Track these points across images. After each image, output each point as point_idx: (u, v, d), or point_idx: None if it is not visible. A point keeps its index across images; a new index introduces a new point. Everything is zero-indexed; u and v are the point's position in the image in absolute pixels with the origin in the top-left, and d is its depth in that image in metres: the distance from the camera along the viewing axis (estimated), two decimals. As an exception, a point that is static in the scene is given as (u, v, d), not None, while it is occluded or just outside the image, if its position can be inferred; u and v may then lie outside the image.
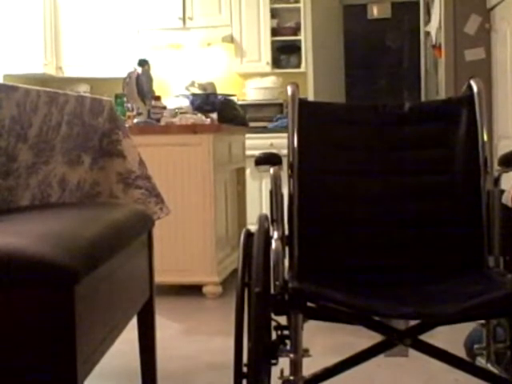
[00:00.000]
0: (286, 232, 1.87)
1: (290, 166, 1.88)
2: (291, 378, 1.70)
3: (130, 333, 2.08)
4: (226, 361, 1.65)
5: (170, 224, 3.57)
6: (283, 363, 1.75)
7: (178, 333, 3.24)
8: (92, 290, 1.52)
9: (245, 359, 1.62)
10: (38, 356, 1.37)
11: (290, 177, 1.89)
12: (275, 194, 1.80)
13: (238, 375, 1.63)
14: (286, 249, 1.86)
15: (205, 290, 3.86)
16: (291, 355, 1.70)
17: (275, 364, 1.75)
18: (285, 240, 1.84)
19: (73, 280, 1.38)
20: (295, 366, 1.71)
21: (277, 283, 1.65)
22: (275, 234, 1.72)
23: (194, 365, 2.77)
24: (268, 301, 1.63)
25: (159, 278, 2.45)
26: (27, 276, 1.35)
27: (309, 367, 1.76)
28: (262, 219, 1.78)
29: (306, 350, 1.80)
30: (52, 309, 1.36)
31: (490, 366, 1.76)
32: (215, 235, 3.85)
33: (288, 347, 1.73)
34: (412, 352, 1.71)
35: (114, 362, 2.30)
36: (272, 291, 1.68)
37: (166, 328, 3.17)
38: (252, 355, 1.56)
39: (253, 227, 1.79)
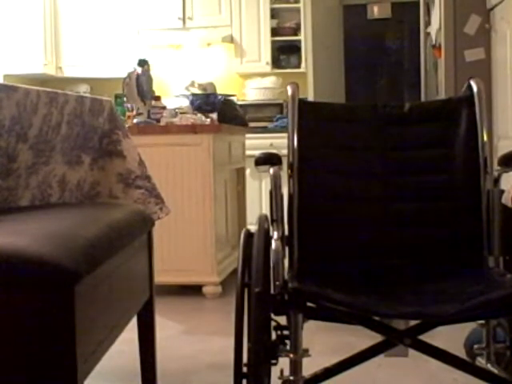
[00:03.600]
0: (286, 232, 1.87)
1: (290, 166, 1.88)
2: (291, 378, 1.70)
3: (130, 333, 2.08)
4: (226, 361, 1.65)
5: (170, 224, 3.57)
6: (283, 363, 1.75)
7: (178, 333, 3.24)
8: (92, 290, 1.52)
9: (245, 359, 1.62)
10: (38, 356, 1.37)
11: (289, 177, 1.88)
12: (275, 195, 1.80)
13: (238, 375, 1.63)
14: (286, 249, 1.86)
15: (205, 290, 3.86)
16: (291, 355, 1.70)
17: (275, 364, 1.75)
18: (285, 240, 1.84)
19: (73, 280, 1.38)
20: (295, 366, 1.71)
21: (277, 283, 1.65)
22: (275, 234, 1.72)
23: (193, 365, 2.77)
24: (268, 301, 1.63)
25: (159, 278, 2.45)
26: (27, 276, 1.35)
27: (309, 367, 1.76)
28: (262, 219, 1.78)
29: (306, 350, 1.80)
30: (52, 309, 1.36)
31: (489, 366, 1.76)
32: (215, 235, 3.85)
33: (288, 347, 1.73)
34: (412, 352, 1.71)
35: (113, 362, 2.30)
36: (272, 291, 1.69)
37: (166, 328, 3.17)
38: (252, 355, 1.56)
39: (253, 227, 1.80)
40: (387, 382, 2.46)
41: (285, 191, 1.88)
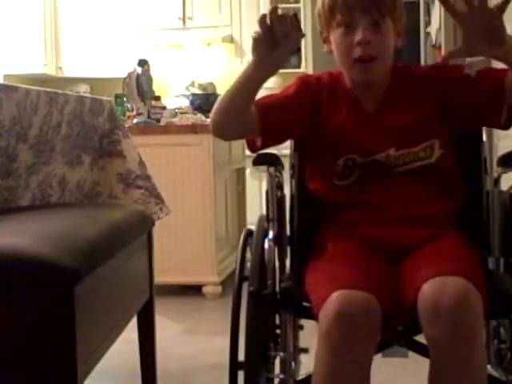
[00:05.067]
0: (288, 232, 1.87)
1: (292, 167, 1.88)
2: (281, 376, 1.71)
3: (130, 333, 2.08)
4: (226, 361, 1.65)
5: (170, 224, 3.57)
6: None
7: (178, 333, 3.25)
8: (92, 289, 1.52)
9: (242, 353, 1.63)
10: (37, 356, 1.37)
11: (291, 177, 1.88)
12: (271, 194, 1.80)
13: (234, 364, 1.63)
14: (288, 249, 1.86)
15: (204, 290, 3.86)
16: (281, 353, 1.71)
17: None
18: (287, 240, 1.84)
19: (73, 280, 1.38)
20: (284, 365, 1.72)
21: (268, 282, 1.66)
22: (270, 234, 1.73)
23: (193, 365, 2.77)
24: (264, 299, 1.64)
25: (159, 278, 2.45)
26: (27, 276, 1.36)
27: (309, 366, 1.76)
28: (262, 219, 1.78)
29: (306, 350, 1.80)
30: (52, 309, 1.36)
31: (489, 368, 1.75)
32: (215, 235, 3.85)
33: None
34: (412, 353, 1.70)
35: (114, 362, 2.30)
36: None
37: (166, 328, 3.17)
38: (245, 353, 1.58)
39: (253, 227, 1.80)
40: (387, 382, 2.46)
41: (287, 191, 1.88)
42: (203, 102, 4.38)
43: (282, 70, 6.67)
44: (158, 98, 4.22)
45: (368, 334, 1.42)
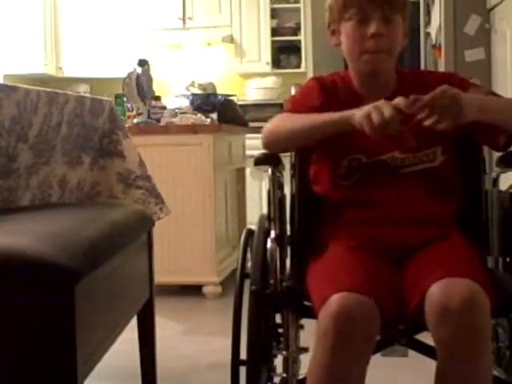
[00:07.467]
0: (288, 232, 1.87)
1: (293, 167, 1.89)
2: (283, 375, 1.72)
3: (130, 333, 2.08)
4: (226, 361, 1.65)
5: (170, 224, 3.57)
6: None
7: (178, 333, 3.25)
8: (92, 289, 1.52)
9: (243, 351, 1.63)
10: (38, 356, 1.37)
11: (292, 177, 1.89)
12: (272, 194, 1.80)
13: (236, 361, 1.63)
14: (288, 248, 1.86)
15: (205, 290, 3.86)
16: (284, 352, 1.71)
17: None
18: (287, 240, 1.84)
19: (73, 280, 1.38)
20: (287, 363, 1.72)
21: (271, 281, 1.66)
22: (272, 233, 1.73)
23: (194, 365, 2.78)
24: (266, 298, 1.64)
25: (159, 278, 2.45)
26: (27, 276, 1.36)
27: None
28: (263, 219, 1.79)
29: (306, 349, 1.80)
30: (52, 309, 1.37)
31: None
32: (215, 235, 3.85)
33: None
34: (412, 352, 1.71)
35: (114, 362, 2.30)
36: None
37: (166, 328, 3.17)
38: (247, 353, 1.58)
39: (253, 227, 1.80)
40: (387, 382, 2.46)
41: (287, 191, 1.89)
42: (203, 102, 4.37)
43: (281, 70, 6.64)
44: (158, 98, 4.22)
45: (365, 336, 1.43)
